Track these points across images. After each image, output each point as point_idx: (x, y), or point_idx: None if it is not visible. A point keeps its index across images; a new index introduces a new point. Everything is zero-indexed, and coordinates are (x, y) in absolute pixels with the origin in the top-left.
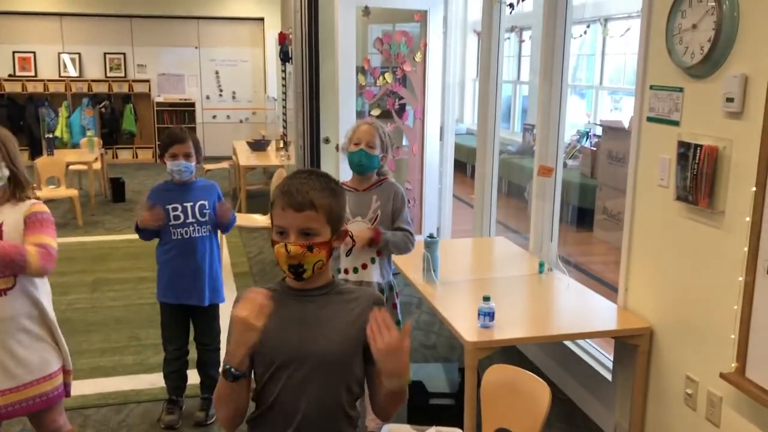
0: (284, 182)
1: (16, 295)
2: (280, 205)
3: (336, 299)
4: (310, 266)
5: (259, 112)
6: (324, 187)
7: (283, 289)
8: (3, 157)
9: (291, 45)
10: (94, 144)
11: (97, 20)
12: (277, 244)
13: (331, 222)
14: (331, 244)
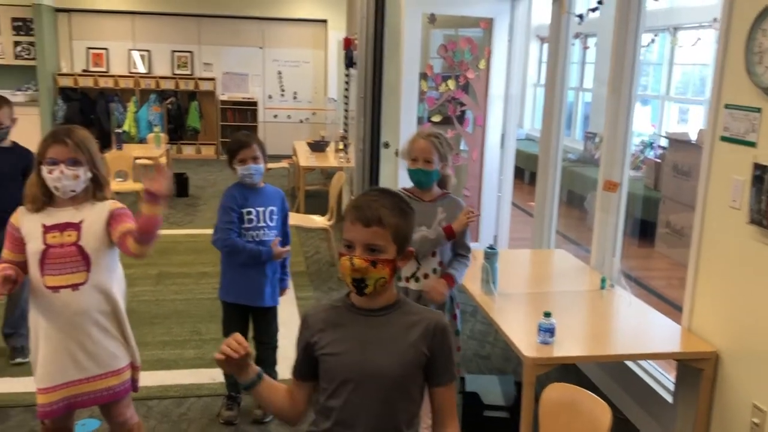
0: (357, 197)
1: (89, 290)
2: (349, 218)
3: (399, 320)
4: (373, 282)
5: (318, 113)
6: (394, 206)
7: (347, 305)
8: (87, 161)
9: (356, 50)
10: (160, 140)
11: (166, 19)
12: (344, 256)
13: (398, 241)
14: (396, 263)
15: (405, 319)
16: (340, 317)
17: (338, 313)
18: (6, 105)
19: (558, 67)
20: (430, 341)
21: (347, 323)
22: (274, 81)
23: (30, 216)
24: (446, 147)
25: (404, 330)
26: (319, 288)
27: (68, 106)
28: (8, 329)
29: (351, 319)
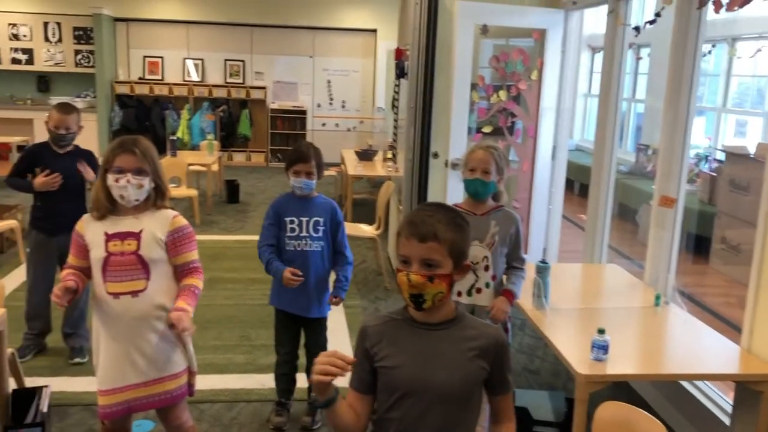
0: (412, 212)
1: (148, 297)
2: (405, 234)
3: (458, 335)
4: (430, 297)
5: (366, 122)
6: (449, 221)
7: (406, 318)
8: (151, 170)
9: (407, 60)
10: (213, 147)
11: (220, 28)
12: (401, 272)
13: (454, 255)
14: (453, 277)
15: (464, 334)
16: (399, 330)
17: (397, 325)
18: (74, 112)
19: (612, 78)
20: (491, 357)
21: (406, 336)
22: (323, 90)
23: (94, 224)
24: (503, 161)
25: (464, 345)
26: (365, 297)
27: (124, 112)
28: (68, 329)
29: (410, 333)
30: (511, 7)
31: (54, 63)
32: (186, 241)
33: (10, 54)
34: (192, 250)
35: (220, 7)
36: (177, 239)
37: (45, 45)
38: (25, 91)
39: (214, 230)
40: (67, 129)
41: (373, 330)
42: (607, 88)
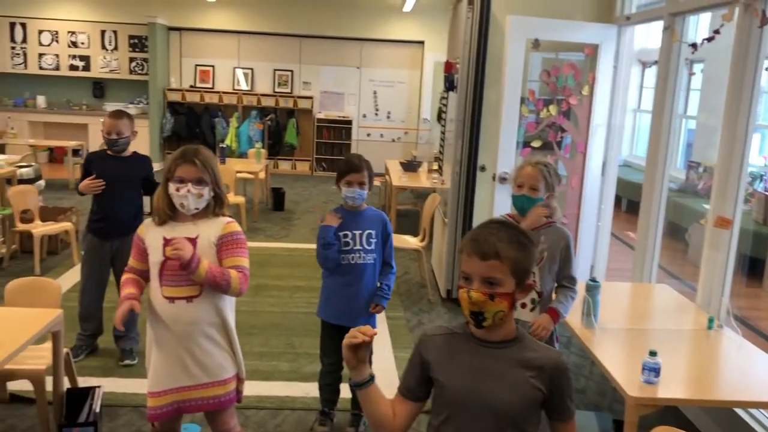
0: (474, 230)
1: (202, 303)
2: (467, 251)
3: (517, 355)
4: (491, 315)
5: (411, 133)
6: (512, 239)
7: (466, 333)
8: (211, 180)
9: (457, 73)
10: (261, 155)
11: (270, 39)
12: (462, 289)
13: (516, 274)
14: (514, 296)
15: (524, 354)
16: (458, 345)
17: (456, 340)
18: (125, 117)
19: (667, 95)
20: (549, 380)
21: (465, 352)
22: (369, 100)
23: (154, 228)
24: (554, 177)
25: (522, 366)
26: (409, 309)
27: (175, 119)
28: (119, 331)
29: (469, 349)
30: (564, 22)
31: (109, 70)
32: (235, 246)
33: (68, 60)
34: (241, 255)
35: (270, 18)
36: (227, 242)
37: (101, 52)
38: (81, 96)
39: (260, 237)
40: (118, 134)
41: (431, 340)
42: (661, 105)
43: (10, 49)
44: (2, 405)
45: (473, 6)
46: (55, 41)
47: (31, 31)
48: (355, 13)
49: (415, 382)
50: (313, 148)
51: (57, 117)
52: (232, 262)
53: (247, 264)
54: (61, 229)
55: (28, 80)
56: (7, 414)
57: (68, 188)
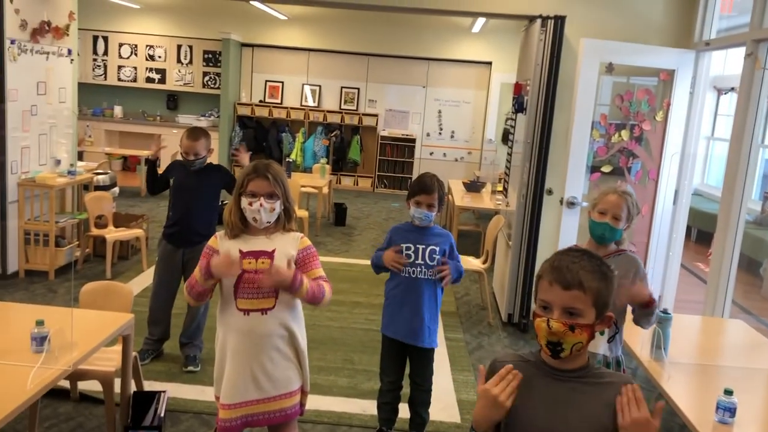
0: (555, 257)
1: (275, 315)
2: (547, 279)
3: (591, 383)
4: (569, 346)
5: (474, 153)
6: (595, 269)
7: (538, 362)
8: (281, 194)
9: (527, 95)
10: (325, 171)
11: (338, 56)
12: (539, 317)
13: (597, 305)
14: (594, 328)
15: (597, 382)
16: (530, 373)
17: (528, 368)
18: (204, 137)
19: (747, 123)
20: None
21: (537, 380)
22: (434, 119)
23: (228, 242)
24: (635, 208)
25: (596, 393)
26: (468, 331)
27: (244, 133)
28: (185, 339)
29: (542, 378)
30: (640, 46)
31: (183, 83)
32: (313, 259)
33: (145, 73)
34: (319, 267)
35: (339, 36)
36: (306, 256)
37: (177, 66)
38: (155, 107)
39: (321, 251)
40: (195, 155)
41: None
42: (740, 134)
43: (92, 60)
44: (72, 403)
45: (546, 28)
46: (134, 54)
47: (112, 44)
48: (423, 33)
49: None
50: (376, 165)
51: (132, 127)
52: (314, 274)
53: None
54: (133, 236)
55: (107, 91)
56: (76, 412)
57: (140, 196)
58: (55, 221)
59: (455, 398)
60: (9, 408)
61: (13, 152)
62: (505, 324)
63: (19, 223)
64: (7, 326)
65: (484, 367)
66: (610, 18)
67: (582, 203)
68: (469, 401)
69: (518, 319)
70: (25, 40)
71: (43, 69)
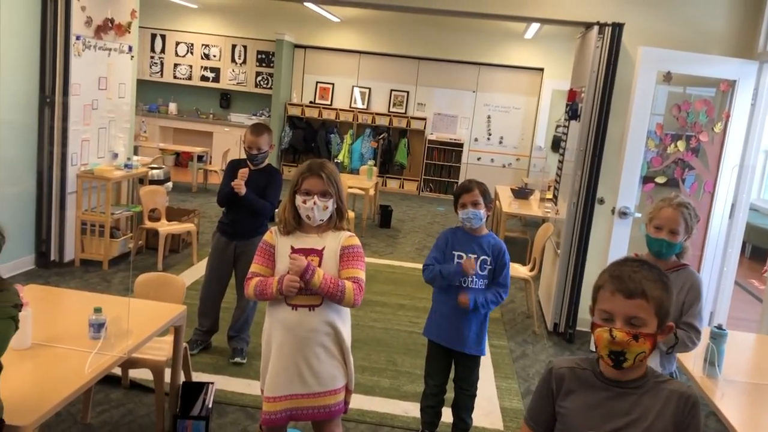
0: (615, 267)
1: (321, 312)
2: (609, 289)
3: (650, 393)
4: (633, 356)
5: (523, 159)
6: (657, 278)
7: (595, 371)
8: (335, 194)
9: (581, 102)
10: (372, 173)
11: (389, 59)
12: (600, 328)
13: (660, 315)
14: (656, 337)
15: (655, 392)
16: (587, 382)
17: (586, 376)
18: (266, 132)
19: None
20: (681, 416)
21: (594, 390)
22: (483, 124)
23: (282, 237)
24: (694, 219)
25: (654, 404)
26: (513, 338)
27: (293, 133)
28: (232, 332)
29: (598, 387)
30: (700, 56)
31: (236, 82)
32: (354, 258)
33: (200, 71)
34: (358, 267)
35: (391, 39)
36: (347, 254)
37: (231, 65)
38: (208, 106)
39: (366, 252)
40: (258, 149)
41: (560, 372)
42: None
43: (149, 58)
44: (122, 390)
45: (603, 35)
46: (190, 53)
47: (170, 42)
48: (476, 38)
49: (545, 415)
50: (422, 169)
51: (185, 124)
52: (349, 273)
53: (363, 277)
54: (184, 230)
55: (163, 88)
56: (127, 399)
57: (191, 191)
58: (111, 213)
59: (498, 405)
60: (68, 391)
61: (74, 144)
62: (550, 333)
63: (76, 213)
64: (66, 312)
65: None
66: (669, 26)
67: (634, 213)
68: (513, 409)
69: (564, 329)
70: (89, 37)
71: (104, 65)
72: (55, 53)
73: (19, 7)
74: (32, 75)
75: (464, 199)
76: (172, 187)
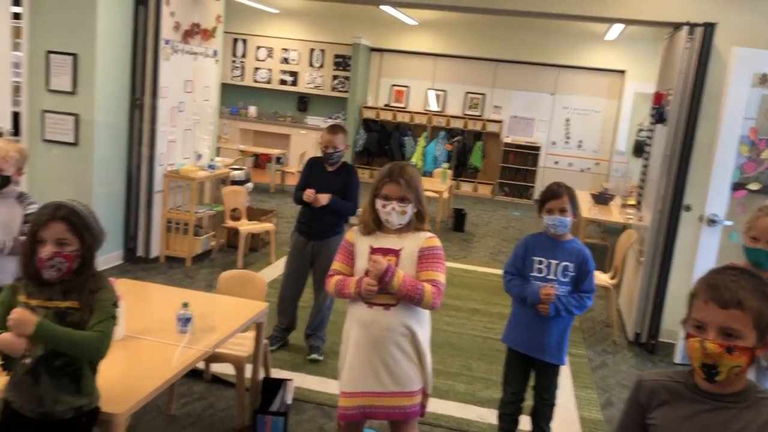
0: (712, 275)
1: (398, 312)
2: (702, 298)
3: (751, 409)
4: (726, 369)
5: (602, 164)
6: (755, 288)
7: (688, 384)
8: (414, 198)
9: (668, 105)
10: (446, 176)
11: (465, 62)
12: (693, 338)
13: (759, 327)
14: (754, 352)
15: (757, 408)
16: (681, 395)
17: (679, 389)
18: (342, 132)
19: None
20: None
21: (686, 403)
22: (561, 127)
23: (362, 237)
24: None
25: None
26: (592, 347)
27: (368, 136)
28: (309, 330)
29: (692, 401)
30: None
31: (314, 86)
32: (433, 260)
33: (279, 75)
34: (438, 270)
35: (468, 42)
36: (426, 255)
37: (308, 69)
38: (286, 109)
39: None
40: (334, 148)
41: (650, 385)
42: None
43: (231, 62)
44: (204, 384)
45: (694, 36)
46: (270, 57)
47: (251, 47)
48: (554, 39)
49: (632, 428)
50: (497, 172)
51: (264, 126)
52: (428, 275)
53: (443, 279)
54: (263, 229)
55: (243, 91)
56: (208, 393)
57: (269, 192)
58: (195, 212)
59: (577, 415)
60: (158, 383)
61: (161, 145)
62: (631, 343)
63: (162, 211)
64: (153, 306)
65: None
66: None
67: (723, 221)
68: (592, 419)
69: (646, 340)
70: (177, 41)
71: (191, 68)
72: (145, 57)
73: (113, 15)
74: (124, 78)
75: (551, 204)
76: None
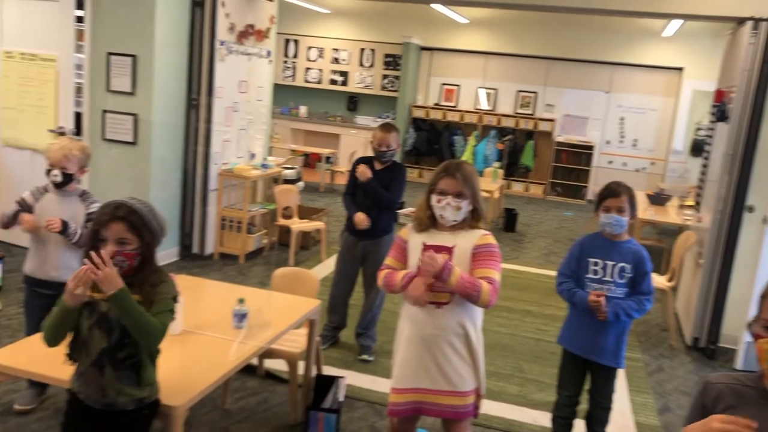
0: None
1: (449, 311)
2: None
3: None
4: None
5: (658, 164)
6: None
7: (758, 388)
8: (470, 195)
9: (730, 103)
10: (497, 175)
11: (517, 60)
12: (762, 339)
13: None
14: None
15: None
16: (749, 400)
17: (747, 393)
18: (394, 131)
19: None
20: None
21: (758, 407)
22: (615, 126)
23: (416, 234)
24: None
25: None
26: (647, 351)
27: (417, 135)
28: (360, 329)
29: (761, 405)
30: None
31: (364, 85)
32: (488, 257)
33: (329, 75)
34: (493, 267)
35: (519, 40)
36: (481, 252)
37: (358, 69)
38: (336, 108)
39: None
40: (387, 146)
41: (715, 388)
42: None
43: (282, 63)
44: (258, 379)
45: (758, 31)
46: (321, 57)
47: (302, 47)
48: (609, 37)
49: None
50: (549, 172)
51: (315, 126)
52: (483, 273)
53: (498, 277)
54: (314, 228)
55: (294, 91)
56: (262, 388)
57: (319, 191)
58: (248, 210)
59: (632, 420)
60: (215, 376)
61: (216, 144)
62: (689, 348)
63: (217, 209)
64: (210, 301)
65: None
66: None
67: None
68: (648, 425)
69: (705, 344)
70: (231, 42)
71: (245, 69)
72: (201, 58)
73: (171, 17)
74: (181, 79)
75: (609, 203)
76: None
